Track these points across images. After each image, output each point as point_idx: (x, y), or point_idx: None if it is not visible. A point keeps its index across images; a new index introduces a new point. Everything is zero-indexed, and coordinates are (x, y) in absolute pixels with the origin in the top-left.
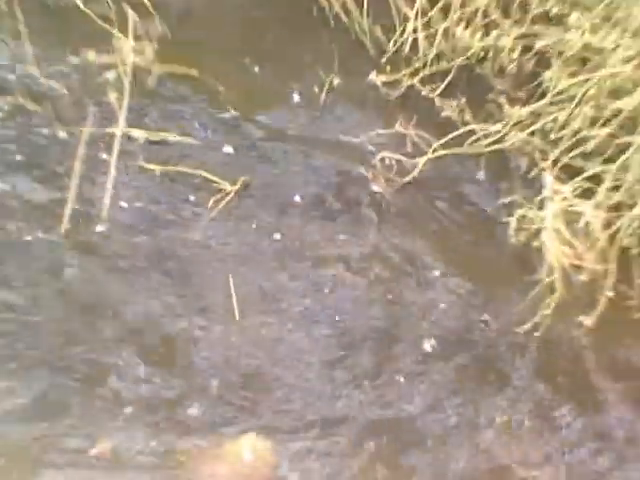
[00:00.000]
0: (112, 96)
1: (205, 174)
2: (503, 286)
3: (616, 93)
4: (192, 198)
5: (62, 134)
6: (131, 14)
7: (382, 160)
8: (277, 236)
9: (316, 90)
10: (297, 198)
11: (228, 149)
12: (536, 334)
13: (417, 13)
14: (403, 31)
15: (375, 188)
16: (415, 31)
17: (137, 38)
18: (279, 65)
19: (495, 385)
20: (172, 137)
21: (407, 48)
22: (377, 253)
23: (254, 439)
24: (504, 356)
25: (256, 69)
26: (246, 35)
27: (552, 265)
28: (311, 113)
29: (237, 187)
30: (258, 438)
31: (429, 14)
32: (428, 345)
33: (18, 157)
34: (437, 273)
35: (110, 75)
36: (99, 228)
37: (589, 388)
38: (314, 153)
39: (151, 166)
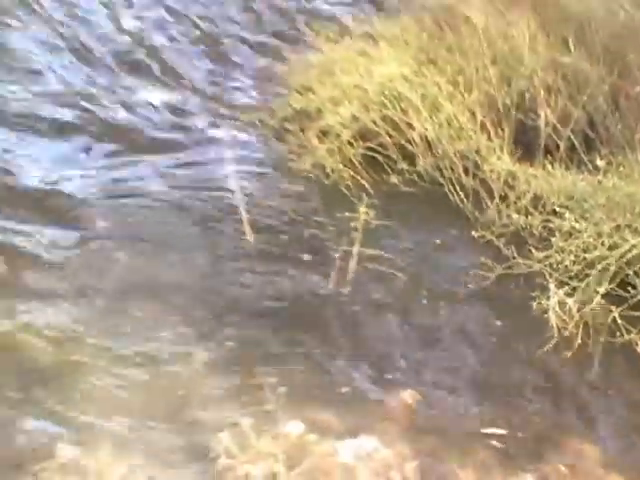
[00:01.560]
0: (354, 234)
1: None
2: (532, 336)
3: (585, 250)
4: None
5: (335, 254)
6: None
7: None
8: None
9: (446, 238)
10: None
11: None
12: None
13: (494, 205)
14: (487, 211)
15: (471, 286)
16: (492, 213)
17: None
18: (427, 230)
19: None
20: (380, 253)
21: (489, 218)
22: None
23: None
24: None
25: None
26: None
27: (553, 327)
28: (441, 252)
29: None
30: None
31: (499, 207)
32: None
33: (306, 256)
34: (498, 323)
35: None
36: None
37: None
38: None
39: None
